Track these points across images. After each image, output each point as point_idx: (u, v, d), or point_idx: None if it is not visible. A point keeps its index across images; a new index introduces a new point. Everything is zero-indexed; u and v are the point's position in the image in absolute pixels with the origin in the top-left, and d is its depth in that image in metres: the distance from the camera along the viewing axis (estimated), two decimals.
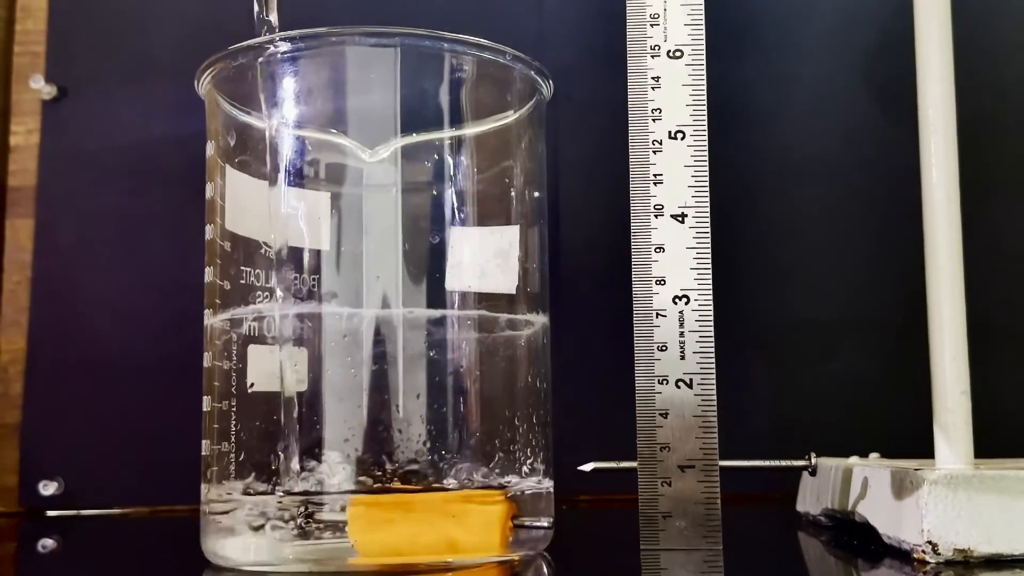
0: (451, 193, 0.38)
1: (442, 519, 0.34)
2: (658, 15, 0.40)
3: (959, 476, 0.35)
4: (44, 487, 0.58)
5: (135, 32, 0.62)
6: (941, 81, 0.39)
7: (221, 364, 0.37)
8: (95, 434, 0.59)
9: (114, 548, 0.50)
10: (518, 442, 0.37)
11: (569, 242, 0.60)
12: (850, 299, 0.61)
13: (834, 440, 0.50)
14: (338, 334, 0.36)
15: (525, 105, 0.40)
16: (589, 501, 0.57)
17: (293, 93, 0.37)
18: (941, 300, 0.38)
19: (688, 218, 0.39)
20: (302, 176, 0.37)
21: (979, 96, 0.60)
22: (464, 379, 0.37)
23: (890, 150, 0.60)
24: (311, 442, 0.35)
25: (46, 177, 0.61)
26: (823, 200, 0.61)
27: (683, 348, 0.39)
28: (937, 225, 0.38)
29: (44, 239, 0.61)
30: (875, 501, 0.39)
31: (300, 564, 0.34)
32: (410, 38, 0.37)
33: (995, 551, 0.34)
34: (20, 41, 0.63)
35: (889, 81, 0.60)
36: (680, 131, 0.39)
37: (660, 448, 0.39)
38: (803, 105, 0.62)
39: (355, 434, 0.35)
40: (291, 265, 0.36)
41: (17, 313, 0.60)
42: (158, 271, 0.60)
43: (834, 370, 0.60)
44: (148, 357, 0.59)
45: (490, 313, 0.37)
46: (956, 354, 0.38)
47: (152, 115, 0.61)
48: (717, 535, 0.38)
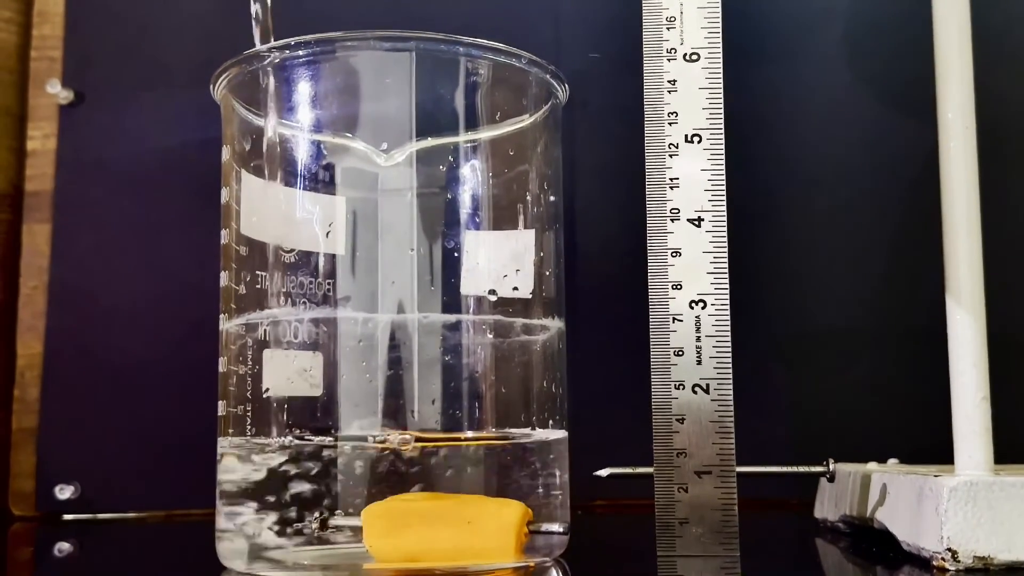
0: (466, 197, 0.37)
1: (458, 525, 0.34)
2: (674, 18, 0.40)
3: (979, 483, 0.34)
4: (60, 491, 0.58)
5: (151, 37, 0.63)
6: (961, 86, 0.38)
7: (236, 368, 0.37)
8: (111, 438, 0.59)
9: (130, 552, 0.50)
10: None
11: (585, 246, 0.60)
12: (868, 304, 0.60)
13: (852, 446, 0.49)
14: (353, 339, 0.36)
15: (541, 109, 0.40)
16: (605, 507, 0.57)
17: (308, 98, 0.37)
18: (960, 306, 0.38)
19: (705, 222, 0.39)
20: (317, 180, 0.37)
21: (999, 101, 0.59)
22: (479, 384, 0.37)
23: (909, 156, 0.60)
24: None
25: (63, 182, 0.61)
26: (841, 205, 0.61)
27: (700, 353, 0.38)
28: (957, 230, 0.38)
29: (61, 244, 0.61)
30: (894, 508, 0.39)
31: (315, 570, 0.34)
32: (426, 42, 0.37)
33: (1016, 558, 0.34)
34: (37, 46, 0.63)
35: (908, 86, 0.59)
36: (697, 135, 0.39)
37: (677, 454, 0.38)
38: (821, 110, 0.62)
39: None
40: (306, 270, 0.36)
41: (34, 318, 0.61)
42: (174, 275, 0.60)
43: (852, 375, 0.60)
44: (164, 361, 0.59)
45: (505, 318, 0.37)
46: (976, 361, 0.37)
47: (168, 120, 0.61)
48: (734, 541, 0.38)
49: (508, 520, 0.34)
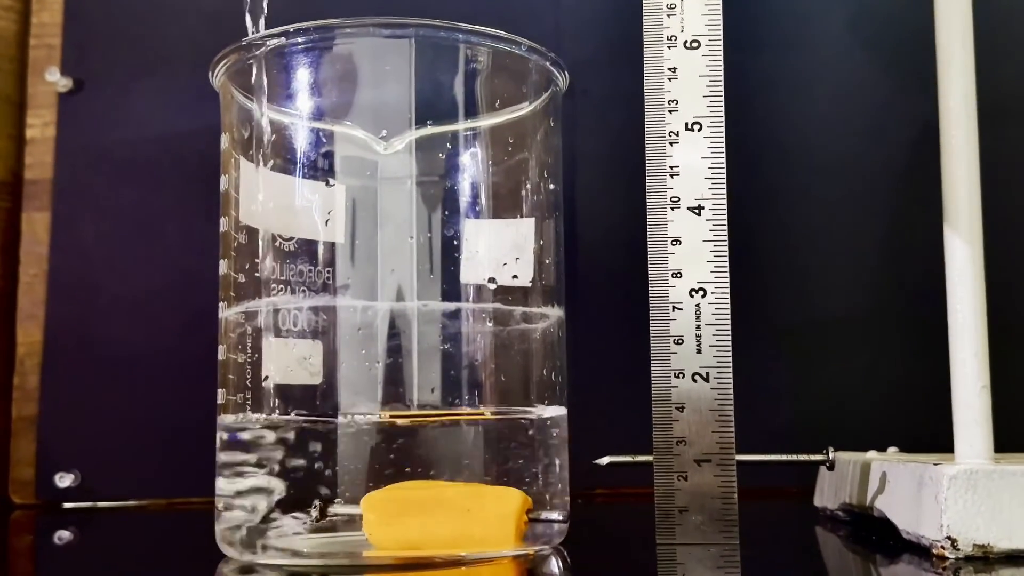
0: (466, 185, 0.37)
1: (457, 513, 0.34)
2: (675, 5, 0.40)
3: (979, 471, 0.34)
4: (60, 479, 0.58)
5: (151, 24, 0.62)
6: (962, 76, 0.38)
7: (236, 357, 0.37)
8: (111, 426, 0.59)
9: (130, 540, 0.50)
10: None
11: (585, 235, 0.59)
12: (868, 293, 0.60)
13: (852, 434, 0.49)
14: (353, 327, 0.36)
15: (540, 97, 0.40)
16: (605, 495, 0.57)
17: (307, 85, 0.37)
18: (961, 294, 0.38)
19: (705, 211, 0.39)
20: (316, 168, 0.37)
21: (1001, 91, 0.59)
22: (479, 372, 0.36)
23: (910, 144, 0.59)
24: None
25: (62, 170, 0.61)
26: (841, 193, 0.61)
27: (700, 341, 0.38)
28: (957, 219, 0.38)
29: (61, 232, 0.61)
30: (894, 496, 0.39)
31: (315, 558, 0.34)
32: (425, 29, 0.36)
33: (1015, 546, 0.34)
34: (36, 34, 0.63)
35: (909, 74, 0.59)
36: (697, 122, 0.39)
37: (676, 442, 0.38)
38: (822, 98, 0.62)
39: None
40: (306, 258, 0.36)
41: (34, 306, 0.61)
42: (174, 263, 0.60)
43: (852, 364, 0.60)
44: (163, 349, 0.59)
45: (505, 306, 0.37)
46: (976, 349, 0.37)
47: (167, 108, 0.61)
48: (734, 530, 0.38)
49: (508, 508, 0.34)
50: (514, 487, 0.35)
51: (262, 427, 0.36)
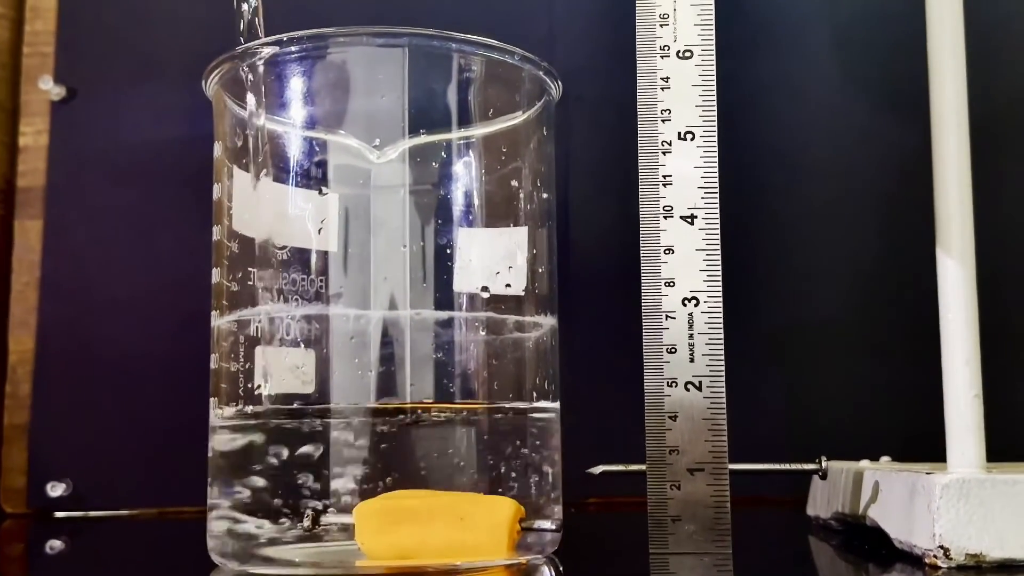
0: (459, 194, 0.37)
1: (450, 522, 0.34)
2: (668, 15, 0.40)
3: (971, 480, 0.34)
4: (52, 488, 0.58)
5: (144, 33, 0.62)
6: (953, 82, 0.38)
7: (228, 366, 0.37)
8: (103, 435, 0.59)
9: (122, 550, 0.50)
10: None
11: (578, 243, 0.59)
12: (861, 301, 0.60)
13: (845, 443, 0.49)
14: (345, 335, 0.36)
15: (534, 106, 0.40)
16: (598, 504, 0.57)
17: (301, 94, 0.37)
18: (953, 303, 0.38)
19: (698, 219, 0.39)
20: (309, 177, 0.37)
21: (992, 97, 0.59)
22: (471, 381, 0.36)
23: (902, 151, 0.60)
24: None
25: (55, 178, 0.61)
26: (834, 202, 0.61)
27: (692, 350, 0.38)
28: (949, 227, 0.38)
29: (53, 240, 0.61)
30: (886, 505, 0.39)
31: (308, 567, 0.34)
32: (418, 38, 0.36)
33: (1008, 556, 0.34)
34: (29, 42, 0.63)
35: (901, 82, 0.59)
36: (690, 132, 0.39)
37: (669, 451, 0.38)
38: (814, 106, 0.62)
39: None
40: (298, 266, 0.36)
41: (26, 314, 0.60)
42: (167, 272, 0.60)
43: (845, 373, 0.60)
44: (156, 358, 0.59)
45: (498, 315, 0.37)
46: (969, 358, 0.37)
47: (161, 116, 0.61)
48: (727, 539, 0.38)
49: (500, 517, 0.34)
50: (507, 496, 0.35)
51: (254, 436, 0.36)
